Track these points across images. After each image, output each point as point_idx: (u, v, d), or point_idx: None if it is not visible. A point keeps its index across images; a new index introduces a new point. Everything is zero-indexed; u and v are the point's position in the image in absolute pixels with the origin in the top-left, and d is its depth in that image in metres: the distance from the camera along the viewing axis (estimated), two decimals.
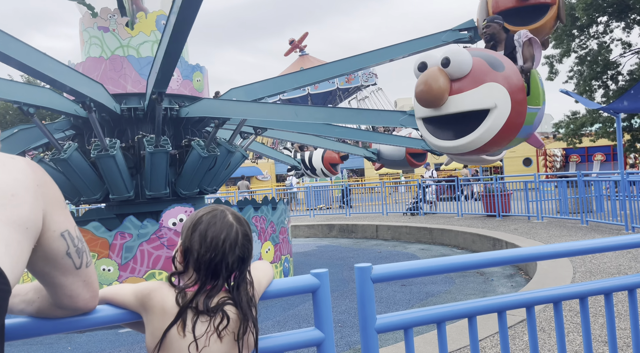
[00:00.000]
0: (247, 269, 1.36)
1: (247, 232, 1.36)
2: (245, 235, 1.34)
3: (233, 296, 1.31)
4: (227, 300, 1.31)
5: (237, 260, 1.31)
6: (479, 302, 1.74)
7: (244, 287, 1.34)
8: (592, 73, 18.48)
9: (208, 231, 1.31)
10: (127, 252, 5.86)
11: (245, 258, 1.33)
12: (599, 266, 6.02)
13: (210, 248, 1.29)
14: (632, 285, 1.95)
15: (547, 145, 28.58)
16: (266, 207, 7.40)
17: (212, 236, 1.30)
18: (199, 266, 1.29)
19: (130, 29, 6.69)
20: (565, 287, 1.86)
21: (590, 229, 9.09)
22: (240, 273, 1.33)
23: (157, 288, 1.32)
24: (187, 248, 1.32)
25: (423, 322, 1.67)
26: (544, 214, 11.02)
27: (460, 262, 1.95)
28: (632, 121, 17.94)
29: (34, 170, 1.10)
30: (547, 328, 4.01)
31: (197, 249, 1.30)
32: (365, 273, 1.58)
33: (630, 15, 17.77)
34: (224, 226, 1.32)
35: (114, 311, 1.32)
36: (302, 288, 1.54)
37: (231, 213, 1.36)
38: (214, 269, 1.29)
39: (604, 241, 2.01)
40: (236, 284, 1.33)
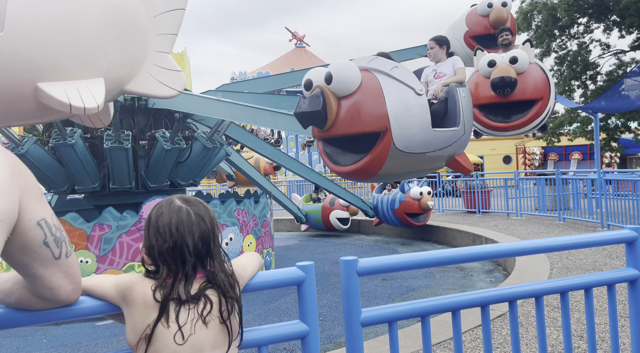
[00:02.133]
0: (217, 247, 1.34)
1: (200, 211, 1.33)
2: (198, 214, 1.32)
3: (208, 276, 1.29)
4: (208, 285, 1.29)
5: (199, 240, 1.29)
6: (463, 296, 1.75)
7: (219, 265, 1.32)
8: (571, 73, 18.83)
9: (158, 222, 1.30)
10: (106, 243, 5.76)
11: (206, 236, 1.31)
12: (575, 262, 6.15)
13: (165, 237, 1.28)
14: (611, 280, 1.98)
15: (526, 143, 29.06)
16: (249, 201, 7.35)
17: (163, 225, 1.29)
18: (164, 259, 1.28)
19: None
20: (547, 281, 1.89)
21: (567, 226, 9.28)
22: (208, 251, 1.31)
23: (138, 282, 1.29)
24: (148, 247, 1.31)
25: (408, 316, 1.67)
26: (522, 211, 11.21)
27: (443, 256, 1.96)
28: (609, 121, 18.35)
29: (7, 158, 1.05)
30: (525, 322, 4.08)
31: (155, 243, 1.29)
32: (351, 267, 1.57)
33: (610, 17, 18.13)
34: (172, 212, 1.31)
35: (94, 303, 1.29)
36: (288, 281, 1.52)
37: (179, 198, 1.35)
38: (180, 256, 1.27)
39: (579, 237, 2.05)
40: (210, 263, 1.31)
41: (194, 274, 1.29)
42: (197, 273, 1.30)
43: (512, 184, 12.05)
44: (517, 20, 19.34)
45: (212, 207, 6.78)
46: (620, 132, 18.81)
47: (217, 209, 6.76)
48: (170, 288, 1.25)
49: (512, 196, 11.66)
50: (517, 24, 19.45)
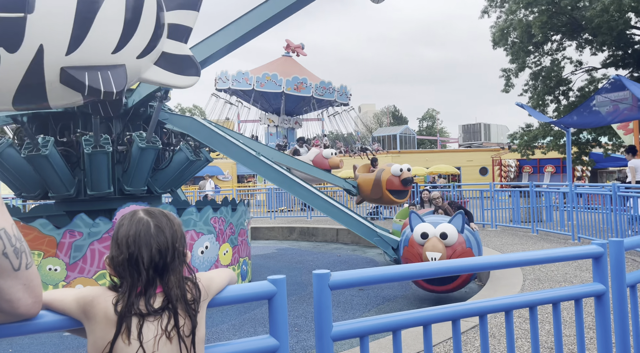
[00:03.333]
0: (177, 261, 1.32)
1: (161, 224, 1.31)
2: (158, 227, 1.30)
3: (164, 291, 1.27)
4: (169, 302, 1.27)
5: (157, 253, 1.27)
6: (434, 311, 1.76)
7: (176, 280, 1.29)
8: (545, 88, 19.31)
9: (119, 234, 1.29)
10: (76, 251, 5.62)
11: (164, 249, 1.29)
12: (547, 274, 6.26)
13: (122, 248, 1.27)
14: (578, 295, 2.02)
15: (502, 156, 29.63)
16: (225, 208, 7.28)
17: (122, 236, 1.28)
18: (122, 270, 1.26)
19: None
20: (517, 296, 1.92)
21: (540, 238, 9.46)
22: (165, 265, 1.28)
23: (100, 295, 1.25)
24: (109, 258, 1.30)
25: (379, 330, 1.67)
26: (497, 222, 11.38)
27: (415, 270, 1.98)
28: (581, 136, 18.84)
29: None
30: (497, 334, 4.12)
31: (114, 254, 1.28)
32: (323, 280, 1.56)
33: (582, 35, 18.70)
34: (132, 223, 1.30)
35: (54, 318, 1.25)
36: (258, 295, 1.50)
37: (144, 210, 1.34)
38: (135, 268, 1.25)
39: (550, 252, 2.09)
40: (165, 277, 1.28)
41: (153, 287, 1.26)
42: (157, 287, 1.27)
43: (487, 195, 12.25)
44: (494, 36, 19.80)
45: (187, 215, 6.70)
46: (591, 146, 19.33)
47: (193, 217, 6.67)
48: (127, 301, 1.22)
49: (488, 207, 11.84)
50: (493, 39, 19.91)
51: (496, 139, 43.06)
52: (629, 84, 8.61)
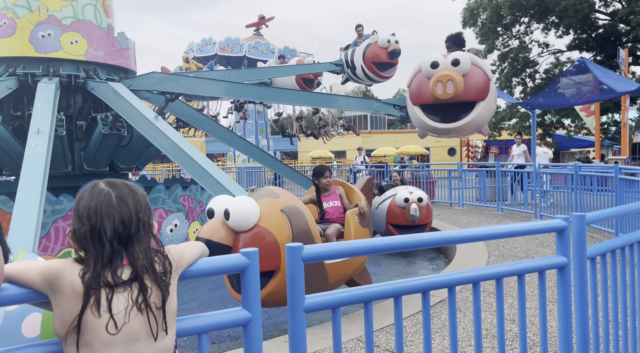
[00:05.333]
0: (143, 232, 1.29)
1: (124, 194, 1.28)
2: (120, 197, 1.27)
3: (130, 262, 1.24)
4: (142, 271, 1.25)
5: (120, 224, 1.25)
6: (404, 283, 1.79)
7: (142, 251, 1.27)
8: (512, 70, 19.68)
9: (79, 206, 1.26)
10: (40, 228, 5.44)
11: (127, 220, 1.26)
12: (511, 250, 6.48)
13: (83, 221, 1.24)
14: (542, 267, 2.10)
15: (470, 137, 30.20)
16: (195, 186, 7.18)
17: (83, 208, 1.25)
18: (85, 242, 1.23)
19: None
20: (484, 268, 1.97)
21: (505, 216, 9.76)
22: (129, 236, 1.26)
23: (66, 268, 1.21)
24: (72, 231, 1.27)
25: (351, 302, 1.69)
26: (464, 201, 11.66)
27: (387, 243, 2.00)
28: (546, 117, 19.38)
29: None
30: (463, 308, 4.26)
31: (76, 227, 1.25)
32: (296, 253, 1.56)
33: (549, 18, 19.05)
34: (93, 195, 1.27)
35: (17, 291, 1.20)
36: (231, 267, 1.49)
37: (105, 182, 1.31)
38: (98, 240, 1.23)
39: (515, 226, 2.15)
40: (130, 248, 1.26)
41: (119, 259, 1.23)
42: (124, 259, 1.24)
43: (455, 175, 12.50)
44: (464, 16, 19.93)
45: (155, 192, 6.55)
46: (555, 128, 19.93)
47: (161, 195, 6.54)
48: (92, 273, 1.19)
49: (455, 187, 12.10)
50: (464, 19, 20.03)
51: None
52: (592, 67, 8.86)
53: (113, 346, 1.18)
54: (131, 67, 6.83)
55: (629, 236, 2.58)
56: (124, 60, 6.60)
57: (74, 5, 6.14)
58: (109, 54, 6.42)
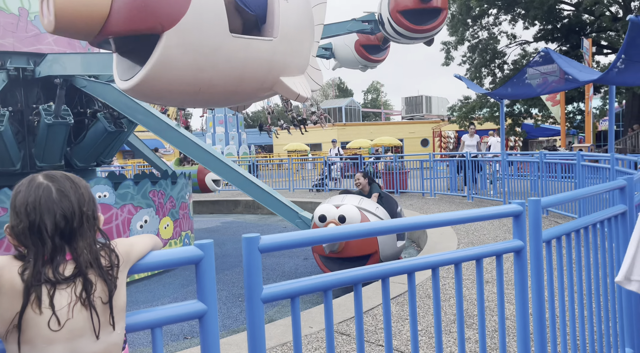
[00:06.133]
0: (87, 226, 1.25)
1: (64, 188, 1.24)
2: (60, 191, 1.23)
3: (74, 257, 1.21)
4: (86, 266, 1.22)
5: (62, 219, 1.20)
6: (364, 270, 1.81)
7: (86, 245, 1.23)
8: (482, 61, 19.98)
9: (17, 201, 1.21)
10: (1, 228, 5.28)
11: (69, 215, 1.22)
12: (479, 237, 6.62)
13: (21, 217, 1.19)
14: (499, 251, 2.15)
15: (442, 127, 30.59)
16: (165, 181, 7.08)
17: (20, 203, 1.20)
18: (24, 239, 1.19)
19: None
20: (442, 254, 2.00)
21: (475, 204, 9.96)
22: (72, 231, 1.22)
23: (5, 265, 1.17)
24: (10, 228, 1.22)
25: (309, 291, 1.69)
26: (436, 191, 11.84)
27: (344, 231, 2.02)
28: (514, 107, 19.76)
29: None
30: (424, 295, 4.33)
31: (14, 223, 1.20)
32: (253, 244, 1.56)
33: (516, 10, 19.38)
34: (31, 189, 1.22)
35: None
36: (185, 260, 1.47)
37: (44, 175, 1.26)
38: (38, 236, 1.18)
39: (473, 212, 2.20)
40: (73, 243, 1.22)
41: (62, 255, 1.20)
42: (67, 254, 1.21)
43: (427, 166, 12.67)
44: None
45: (124, 188, 6.43)
46: (524, 117, 20.36)
47: (130, 190, 6.43)
48: (32, 270, 1.16)
49: (427, 177, 12.27)
50: None
51: (437, 111, 44.31)
52: (556, 57, 9.06)
53: (56, 342, 1.16)
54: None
55: (585, 219, 2.66)
56: (46, 45, 6.30)
57: None
58: (20, 41, 6.14)
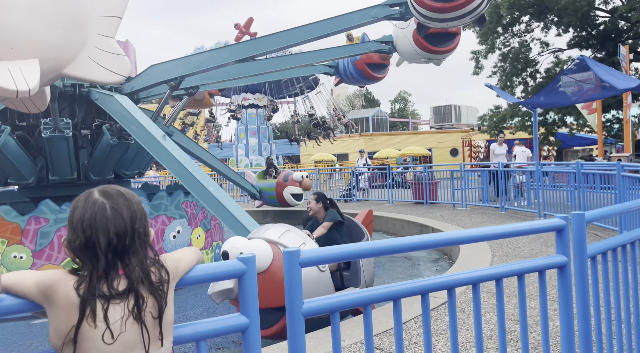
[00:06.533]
0: (138, 243, 1.28)
1: (118, 205, 1.27)
2: (115, 209, 1.26)
3: (126, 273, 1.24)
4: (139, 281, 1.25)
5: (114, 236, 1.23)
6: (403, 285, 1.79)
7: (137, 262, 1.26)
8: (513, 70, 19.64)
9: (74, 216, 1.25)
10: (43, 238, 5.47)
11: (122, 232, 1.25)
12: (514, 250, 6.45)
13: (77, 233, 1.23)
14: (542, 267, 2.09)
15: (472, 137, 30.13)
16: None
17: (77, 220, 1.24)
18: (80, 254, 1.23)
19: None
20: (483, 269, 1.96)
21: (508, 216, 9.73)
22: (124, 248, 1.25)
23: (61, 279, 1.21)
24: (67, 242, 1.26)
25: (350, 306, 1.68)
26: (467, 202, 11.63)
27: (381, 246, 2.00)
28: (547, 116, 19.32)
29: None
30: (467, 309, 4.24)
31: (70, 238, 1.24)
32: (293, 258, 1.56)
33: (548, 16, 19.03)
34: (87, 206, 1.25)
35: (14, 301, 1.20)
36: (228, 274, 1.49)
37: (100, 191, 1.29)
38: (93, 252, 1.22)
39: (515, 226, 2.14)
40: (126, 259, 1.25)
41: (115, 270, 1.23)
42: (120, 269, 1.25)
43: (458, 176, 12.48)
44: None
45: (158, 199, 6.56)
46: (558, 126, 19.86)
47: (164, 201, 6.57)
48: (88, 285, 1.19)
49: (458, 187, 12.08)
50: None
51: (466, 120, 43.72)
52: (592, 65, 8.83)
53: None
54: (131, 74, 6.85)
55: (631, 233, 2.57)
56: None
57: None
58: None
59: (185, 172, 4.78)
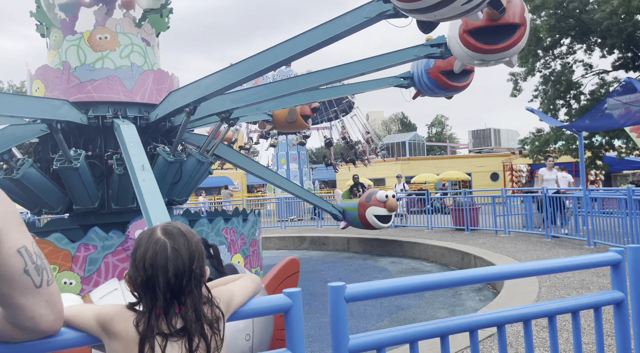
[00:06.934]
0: (194, 283, 1.30)
1: (179, 245, 1.29)
2: (175, 249, 1.28)
3: (181, 313, 1.27)
4: (194, 321, 1.27)
5: (173, 276, 1.26)
6: (451, 321, 1.74)
7: (191, 303, 1.28)
8: (556, 92, 19.16)
9: (137, 253, 1.29)
10: (91, 264, 5.66)
11: (180, 273, 1.27)
12: (563, 281, 6.17)
13: (139, 270, 1.26)
14: (597, 303, 1.99)
15: (513, 161, 29.40)
16: (236, 219, 7.30)
17: (139, 257, 1.27)
18: (140, 291, 1.27)
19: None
20: (535, 306, 1.89)
21: (555, 244, 9.35)
22: (181, 289, 1.27)
23: (120, 315, 1.26)
24: (129, 276, 1.30)
25: (396, 342, 1.66)
26: (510, 228, 11.27)
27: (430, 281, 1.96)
28: (593, 139, 18.64)
29: None
30: (515, 343, 4.07)
31: (132, 274, 1.28)
32: (339, 293, 1.56)
33: (591, 38, 18.58)
34: (150, 244, 1.28)
35: (75, 334, 1.26)
36: (274, 309, 1.51)
37: (162, 229, 1.32)
38: (152, 290, 1.25)
39: (567, 261, 2.06)
40: (182, 299, 1.28)
41: (173, 309, 1.26)
42: (177, 308, 1.28)
43: (499, 201, 12.15)
44: None
45: (199, 226, 6.71)
46: (605, 150, 19.10)
47: (205, 228, 6.69)
48: (147, 322, 1.23)
49: (500, 213, 11.74)
50: None
51: (506, 144, 42.77)
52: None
53: None
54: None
55: None
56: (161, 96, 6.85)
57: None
58: (157, 93, 6.79)
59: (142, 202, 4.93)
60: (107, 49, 6.59)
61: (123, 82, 6.50)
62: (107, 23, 6.68)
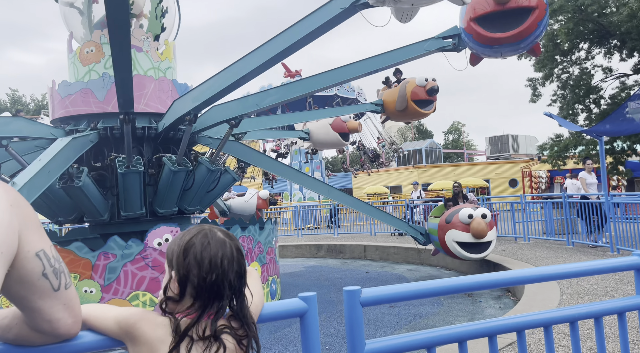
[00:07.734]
0: (245, 285, 1.33)
1: (240, 247, 1.33)
2: (239, 250, 1.31)
3: (236, 313, 1.29)
4: (224, 328, 1.26)
5: (236, 276, 1.28)
6: (469, 326, 1.72)
7: (246, 303, 1.32)
8: (575, 97, 18.86)
9: (204, 253, 1.25)
10: (111, 272, 5.74)
11: (242, 273, 1.30)
12: (586, 288, 6.03)
13: (210, 270, 1.24)
14: (621, 309, 1.94)
15: (532, 167, 28.98)
16: (253, 227, 7.33)
17: (210, 257, 1.25)
18: (199, 292, 1.24)
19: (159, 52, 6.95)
20: (556, 311, 1.85)
21: (576, 250, 9.15)
22: (239, 290, 1.30)
23: (144, 318, 1.26)
24: (183, 276, 1.24)
25: (413, 347, 1.63)
26: (530, 235, 11.08)
27: (447, 285, 1.93)
28: (614, 144, 18.27)
29: (6, 191, 1.07)
30: (536, 350, 3.98)
31: (196, 274, 1.23)
32: (354, 297, 1.55)
33: (610, 42, 18.29)
34: (218, 244, 1.27)
35: (95, 338, 1.27)
36: (290, 313, 1.50)
37: (220, 231, 1.33)
38: (217, 291, 1.24)
39: (589, 265, 2.01)
40: (239, 301, 1.30)
41: (224, 311, 1.27)
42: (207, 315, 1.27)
43: (518, 208, 11.96)
44: None
45: None
46: (627, 154, 18.70)
47: None
48: (193, 323, 1.22)
49: (519, 220, 11.55)
50: None
51: (525, 149, 42.18)
52: None
53: None
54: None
55: None
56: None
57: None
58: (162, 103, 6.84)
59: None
60: (92, 61, 6.68)
61: (94, 93, 6.55)
62: (93, 35, 6.75)
